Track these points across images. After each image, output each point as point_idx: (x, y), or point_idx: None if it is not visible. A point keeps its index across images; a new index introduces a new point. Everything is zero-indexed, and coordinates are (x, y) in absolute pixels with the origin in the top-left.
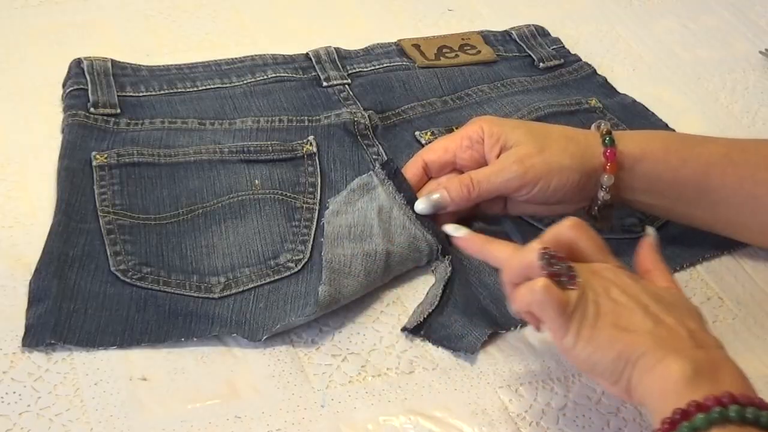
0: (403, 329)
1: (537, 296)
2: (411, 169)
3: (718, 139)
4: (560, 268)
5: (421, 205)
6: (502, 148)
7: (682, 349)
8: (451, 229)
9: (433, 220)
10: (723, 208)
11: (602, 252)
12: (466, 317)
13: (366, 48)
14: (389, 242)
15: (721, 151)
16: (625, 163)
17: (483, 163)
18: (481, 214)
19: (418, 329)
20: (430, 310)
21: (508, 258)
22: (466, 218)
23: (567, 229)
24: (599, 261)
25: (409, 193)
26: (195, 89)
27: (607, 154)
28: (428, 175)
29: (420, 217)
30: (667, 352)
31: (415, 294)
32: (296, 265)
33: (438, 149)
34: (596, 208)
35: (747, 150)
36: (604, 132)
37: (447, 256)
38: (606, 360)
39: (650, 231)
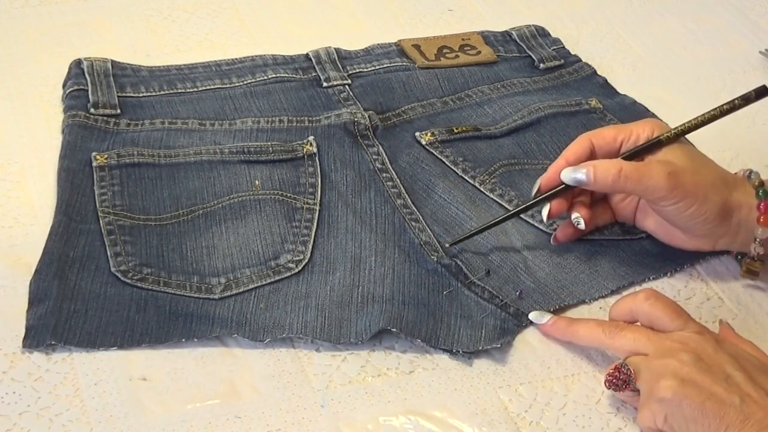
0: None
1: None
2: (575, 148)
3: None
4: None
5: (565, 174)
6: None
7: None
8: (535, 316)
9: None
10: None
11: (680, 318)
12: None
13: (366, 48)
14: None
15: None
16: None
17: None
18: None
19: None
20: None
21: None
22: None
23: (641, 302)
24: (678, 329)
25: None
26: (195, 90)
27: (761, 207)
28: (593, 157)
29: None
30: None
31: None
32: (297, 266)
33: (608, 136)
34: (750, 260)
35: None
36: (756, 184)
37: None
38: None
39: (725, 321)
